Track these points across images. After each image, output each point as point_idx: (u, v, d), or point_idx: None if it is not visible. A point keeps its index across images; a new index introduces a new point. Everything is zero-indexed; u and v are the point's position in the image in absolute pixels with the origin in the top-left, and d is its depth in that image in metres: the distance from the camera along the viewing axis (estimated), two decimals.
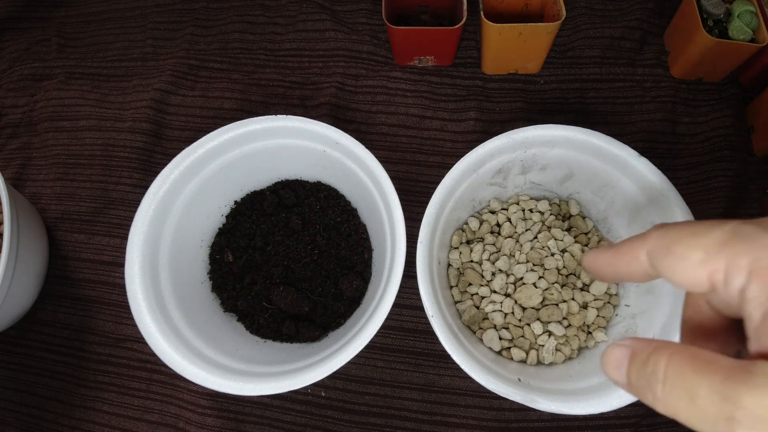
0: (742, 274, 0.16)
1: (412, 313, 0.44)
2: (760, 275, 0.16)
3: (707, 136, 0.48)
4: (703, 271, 0.17)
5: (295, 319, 0.41)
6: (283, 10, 0.58)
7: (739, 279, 0.16)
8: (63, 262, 0.49)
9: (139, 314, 0.35)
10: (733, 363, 0.16)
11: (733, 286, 0.17)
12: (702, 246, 0.17)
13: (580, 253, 0.40)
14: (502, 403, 0.41)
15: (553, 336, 0.37)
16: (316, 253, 0.43)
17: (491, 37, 0.46)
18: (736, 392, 0.15)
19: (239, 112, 0.53)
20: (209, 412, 0.42)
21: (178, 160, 0.39)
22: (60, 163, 0.53)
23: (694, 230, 0.18)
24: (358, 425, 0.41)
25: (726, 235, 0.17)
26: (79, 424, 0.43)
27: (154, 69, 0.57)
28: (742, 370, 0.15)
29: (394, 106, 0.52)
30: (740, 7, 0.45)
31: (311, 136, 0.41)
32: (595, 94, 0.51)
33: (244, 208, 0.45)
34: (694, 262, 0.17)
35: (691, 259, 0.18)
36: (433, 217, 0.36)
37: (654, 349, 0.18)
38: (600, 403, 0.31)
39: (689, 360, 0.16)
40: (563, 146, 0.38)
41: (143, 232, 0.37)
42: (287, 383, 0.32)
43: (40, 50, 0.60)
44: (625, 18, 0.53)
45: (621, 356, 0.19)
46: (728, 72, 0.49)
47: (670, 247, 0.18)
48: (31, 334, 0.47)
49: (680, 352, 0.17)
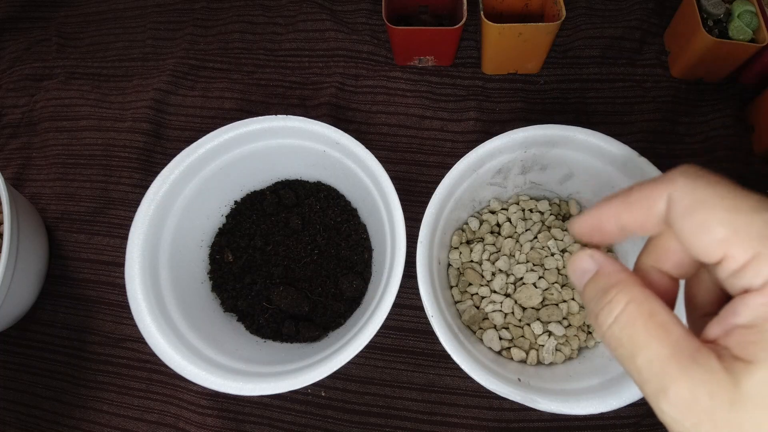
0: (758, 279, 0.15)
1: (412, 313, 0.44)
2: None
3: (707, 136, 0.48)
4: (720, 250, 0.16)
5: (295, 319, 0.41)
6: (283, 10, 0.58)
7: (752, 281, 0.16)
8: (63, 262, 0.49)
9: (139, 314, 0.35)
10: (684, 341, 0.16)
11: (739, 282, 0.16)
12: (732, 226, 0.16)
13: None
14: (502, 403, 0.41)
15: (553, 336, 0.37)
16: (316, 253, 0.43)
17: (491, 37, 0.46)
18: (676, 372, 0.15)
19: (239, 112, 0.53)
20: (209, 412, 0.42)
21: (178, 160, 0.39)
22: (60, 163, 0.53)
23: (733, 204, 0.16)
24: (358, 425, 0.41)
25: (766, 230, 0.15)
26: (79, 424, 0.43)
27: (154, 69, 0.57)
28: (690, 355, 0.15)
29: (394, 106, 0.52)
30: (740, 7, 0.45)
31: (311, 136, 0.41)
32: (595, 94, 0.51)
33: (244, 208, 0.45)
34: (717, 238, 0.16)
35: (714, 234, 0.16)
36: (433, 217, 0.36)
37: (616, 284, 0.18)
38: (600, 403, 0.31)
39: (646, 317, 0.17)
40: (563, 146, 0.38)
41: (143, 232, 0.37)
42: (287, 383, 0.32)
43: (40, 50, 0.60)
44: (625, 18, 0.53)
45: (587, 267, 0.19)
46: (728, 72, 0.49)
47: (696, 208, 0.17)
48: (31, 334, 0.47)
49: (639, 302, 0.17)
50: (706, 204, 0.16)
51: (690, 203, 0.17)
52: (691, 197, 0.17)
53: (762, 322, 0.15)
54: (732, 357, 0.15)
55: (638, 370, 0.16)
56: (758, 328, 0.15)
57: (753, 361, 0.15)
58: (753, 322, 0.15)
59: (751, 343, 0.15)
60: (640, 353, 0.16)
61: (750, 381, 0.15)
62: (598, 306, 0.18)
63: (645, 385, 0.16)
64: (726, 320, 0.16)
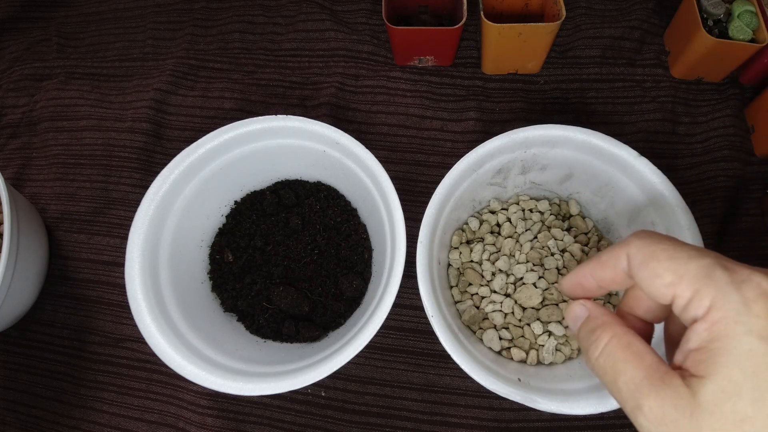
0: (700, 310, 0.19)
1: (412, 313, 0.44)
2: (711, 320, 0.19)
3: (707, 136, 0.48)
4: (670, 292, 0.20)
5: (295, 319, 0.41)
6: (283, 10, 0.58)
7: (696, 313, 0.19)
8: (63, 262, 0.49)
9: (139, 314, 0.35)
10: (656, 366, 0.20)
11: (688, 315, 0.20)
12: (676, 272, 0.20)
13: (580, 253, 0.40)
14: (502, 403, 0.41)
15: (553, 336, 0.37)
16: (316, 253, 0.43)
17: (491, 37, 0.46)
18: (647, 391, 0.19)
19: (239, 112, 0.53)
20: (209, 412, 0.42)
21: (178, 160, 0.39)
22: (60, 163, 0.53)
23: (673, 254, 0.20)
24: (358, 425, 0.41)
25: (701, 271, 0.19)
26: (79, 424, 0.43)
27: (154, 69, 0.57)
28: (660, 377, 0.19)
29: (394, 106, 0.52)
30: (740, 7, 0.45)
31: (311, 136, 0.41)
32: (595, 94, 0.51)
33: (244, 208, 0.45)
34: (665, 282, 0.20)
35: (663, 280, 0.20)
36: (433, 217, 0.36)
37: (601, 324, 0.22)
38: (600, 403, 0.31)
39: (624, 347, 0.21)
40: (563, 146, 0.38)
41: (143, 232, 0.37)
42: (287, 383, 0.32)
43: (40, 50, 0.60)
44: (625, 18, 0.53)
45: (579, 314, 0.24)
46: (728, 72, 0.49)
47: (648, 261, 0.21)
48: (31, 334, 0.47)
49: (619, 336, 0.21)
50: (655, 257, 0.21)
51: (643, 258, 0.21)
52: (643, 253, 0.21)
53: (707, 343, 0.19)
54: (690, 375, 0.19)
55: (619, 391, 0.20)
56: (705, 349, 0.19)
57: (704, 375, 0.18)
58: (701, 345, 0.19)
59: (702, 362, 0.19)
60: (620, 377, 0.20)
61: (704, 392, 0.18)
62: (588, 342, 0.23)
63: (625, 403, 0.20)
64: (683, 347, 0.20)
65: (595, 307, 0.24)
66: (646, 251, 0.21)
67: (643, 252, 0.21)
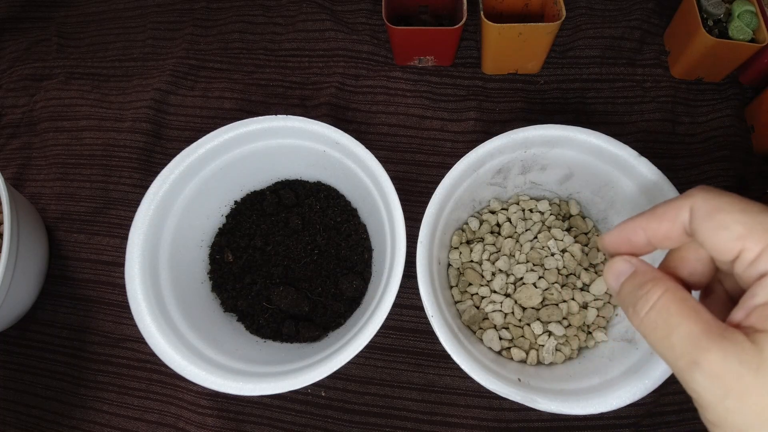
0: None
1: (412, 313, 0.44)
2: None
3: (707, 136, 0.48)
4: (738, 245, 0.19)
5: (295, 319, 0.41)
6: (283, 10, 0.58)
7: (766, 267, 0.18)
8: (63, 262, 0.49)
9: (139, 314, 0.35)
10: (713, 322, 0.19)
11: (755, 270, 0.19)
12: (746, 224, 0.19)
13: (580, 253, 0.40)
14: (502, 403, 0.41)
15: (553, 336, 0.37)
16: (316, 253, 0.43)
17: (491, 37, 0.46)
18: (708, 345, 0.18)
19: (239, 112, 0.53)
20: (209, 412, 0.42)
21: (178, 160, 0.39)
22: (60, 163, 0.53)
23: (743, 207, 0.19)
24: (358, 425, 0.41)
25: None
26: (79, 424, 0.43)
27: (154, 69, 0.57)
28: (719, 332, 0.18)
29: (394, 106, 0.52)
30: (740, 7, 0.45)
31: (311, 136, 0.41)
32: (595, 94, 0.51)
33: (244, 208, 0.45)
34: (734, 235, 0.19)
35: (732, 232, 0.19)
36: (433, 217, 0.36)
37: (653, 278, 0.21)
38: (600, 403, 0.31)
39: (679, 301, 0.20)
40: (563, 146, 0.38)
41: (143, 232, 0.37)
42: (287, 383, 0.32)
43: (40, 50, 0.60)
44: (625, 18, 0.53)
45: (624, 270, 0.23)
46: (728, 72, 0.49)
47: (714, 213, 0.20)
48: (31, 334, 0.47)
49: (674, 291, 0.20)
50: (723, 209, 0.20)
51: (709, 209, 0.20)
52: (710, 205, 0.20)
53: None
54: (755, 331, 0.18)
55: (672, 347, 0.19)
56: None
57: None
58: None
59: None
60: (675, 331, 0.19)
61: None
62: (635, 298, 0.21)
63: (678, 360, 0.19)
64: (746, 304, 0.19)
65: (643, 263, 0.22)
66: (712, 203, 0.20)
67: (710, 204, 0.20)
